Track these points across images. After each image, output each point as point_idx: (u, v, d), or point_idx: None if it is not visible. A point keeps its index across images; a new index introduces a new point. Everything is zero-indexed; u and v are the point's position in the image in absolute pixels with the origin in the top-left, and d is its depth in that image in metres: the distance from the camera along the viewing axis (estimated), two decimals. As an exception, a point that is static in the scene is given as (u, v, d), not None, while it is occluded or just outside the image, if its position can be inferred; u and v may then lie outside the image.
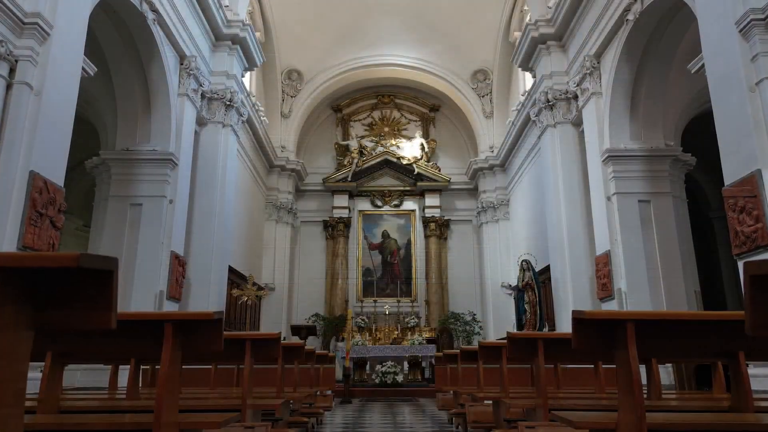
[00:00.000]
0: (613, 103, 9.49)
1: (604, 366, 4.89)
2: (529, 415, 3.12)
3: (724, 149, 6.11)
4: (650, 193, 9.34)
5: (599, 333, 1.96)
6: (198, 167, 10.84)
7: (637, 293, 8.85)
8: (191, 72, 10.04)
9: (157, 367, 6.43)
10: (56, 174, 6.09)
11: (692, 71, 7.07)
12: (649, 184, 9.38)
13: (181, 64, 10.00)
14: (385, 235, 18.85)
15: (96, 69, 7.08)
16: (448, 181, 18.60)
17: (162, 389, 1.83)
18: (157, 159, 9.45)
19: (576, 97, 10.71)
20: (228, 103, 11.27)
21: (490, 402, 4.60)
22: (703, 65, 6.67)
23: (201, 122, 11.03)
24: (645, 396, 4.59)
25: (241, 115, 12.06)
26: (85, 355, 3.42)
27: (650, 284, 8.89)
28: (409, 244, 18.73)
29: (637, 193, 9.33)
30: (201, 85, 10.60)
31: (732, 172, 6.00)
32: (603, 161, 9.56)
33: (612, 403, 3.15)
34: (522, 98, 14.18)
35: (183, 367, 5.98)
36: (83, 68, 6.71)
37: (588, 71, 9.93)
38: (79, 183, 13.51)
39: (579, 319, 1.93)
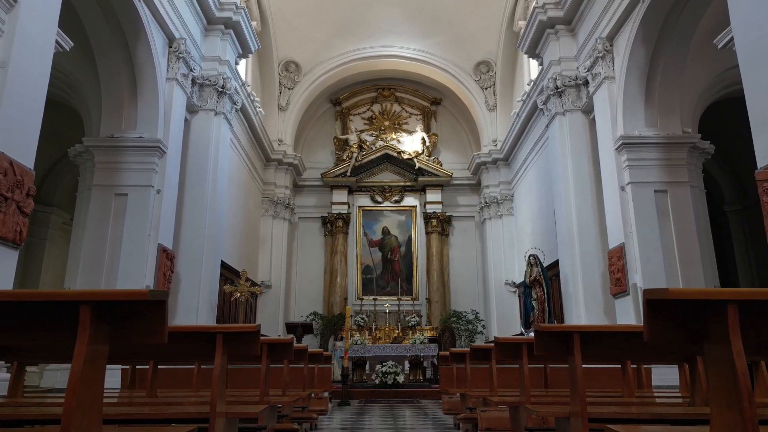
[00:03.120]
0: (627, 88, 8.95)
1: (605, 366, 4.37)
2: (560, 426, 2.58)
3: (756, 128, 5.57)
4: (667, 183, 8.80)
5: (682, 320, 1.43)
6: (189, 156, 10.30)
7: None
8: (180, 55, 9.50)
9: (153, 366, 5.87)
10: (25, 155, 5.54)
11: (719, 46, 6.53)
12: (665, 173, 8.84)
13: (170, 47, 9.45)
14: (386, 232, 18.33)
15: (72, 44, 6.52)
16: (450, 176, 18.08)
17: (71, 397, 1.29)
18: (143, 146, 8.91)
19: (586, 82, 10.16)
20: (220, 89, 10.71)
21: (504, 407, 4.07)
22: (731, 39, 6.13)
23: (192, 109, 10.49)
24: (686, 401, 4.06)
25: (235, 104, 11.51)
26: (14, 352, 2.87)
27: (668, 279, 8.34)
28: (409, 240, 18.21)
29: (652, 182, 8.78)
30: (191, 70, 10.06)
31: (766, 153, 5.46)
32: (616, 149, 9.02)
33: (658, 410, 2.61)
34: (527, 88, 13.64)
35: (160, 367, 5.41)
36: (57, 42, 6.17)
37: (600, 54, 9.39)
38: (66, 176, 12.99)
39: (656, 301, 1.39)
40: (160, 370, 6.18)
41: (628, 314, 8.56)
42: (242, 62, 14.59)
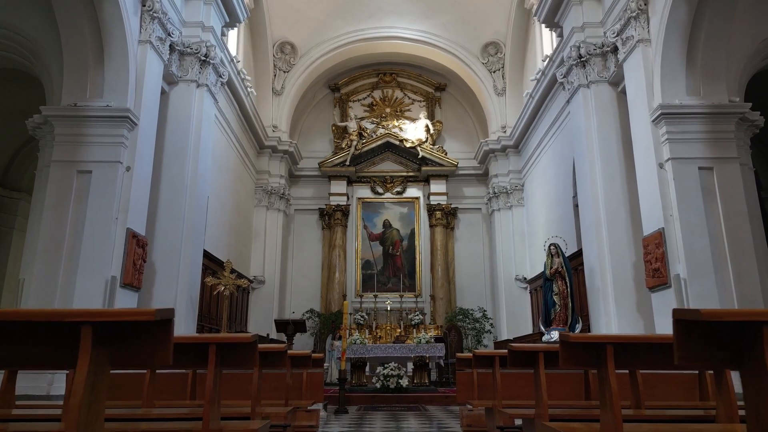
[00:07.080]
0: (665, 51, 7.78)
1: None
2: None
3: None
4: (713, 159, 7.64)
5: None
6: (167, 132, 9.13)
7: (701, 280, 7.16)
8: (155, 15, 8.33)
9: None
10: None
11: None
12: (711, 148, 7.69)
13: (143, 5, 8.28)
14: (387, 225, 17.21)
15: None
16: (456, 165, 16.95)
17: None
18: (111, 116, 7.74)
19: (615, 50, 9.01)
20: (203, 58, 9.52)
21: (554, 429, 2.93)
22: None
23: (170, 80, 9.31)
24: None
25: (221, 76, 10.33)
26: None
27: (716, 269, 7.20)
28: (412, 234, 17.10)
29: (697, 158, 7.63)
30: (170, 35, 8.90)
31: None
32: (653, 121, 7.87)
33: None
34: (542, 65, 12.50)
35: (114, 372, 4.26)
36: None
37: (633, 14, 8.24)
38: (35, 160, 11.80)
39: None
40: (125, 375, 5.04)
41: (669, 310, 7.39)
42: (234, 42, 13.46)
